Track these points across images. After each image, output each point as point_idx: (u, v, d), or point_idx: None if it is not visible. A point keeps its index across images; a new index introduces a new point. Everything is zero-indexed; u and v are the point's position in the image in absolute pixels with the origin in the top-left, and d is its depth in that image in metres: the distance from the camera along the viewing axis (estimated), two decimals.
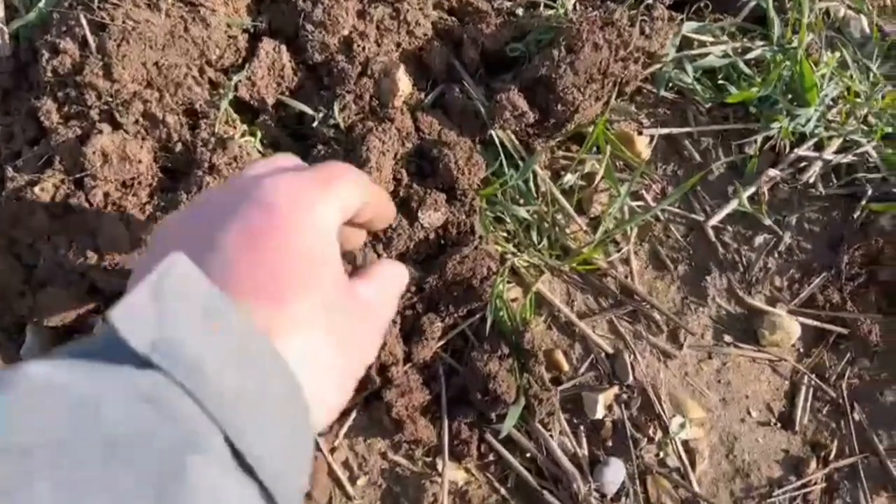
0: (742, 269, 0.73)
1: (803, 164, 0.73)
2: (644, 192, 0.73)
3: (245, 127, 0.66)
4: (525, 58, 0.71)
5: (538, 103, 0.68)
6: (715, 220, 0.72)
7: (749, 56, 0.73)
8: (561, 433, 0.67)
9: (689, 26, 0.74)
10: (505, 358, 0.65)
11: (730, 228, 0.73)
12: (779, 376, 0.72)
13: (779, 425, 0.71)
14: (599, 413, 0.66)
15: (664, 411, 0.68)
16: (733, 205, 0.72)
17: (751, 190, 0.72)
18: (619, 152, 0.71)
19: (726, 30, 0.76)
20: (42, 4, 0.66)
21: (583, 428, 0.67)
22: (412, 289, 0.67)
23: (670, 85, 0.73)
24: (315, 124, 0.67)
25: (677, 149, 0.74)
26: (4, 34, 0.67)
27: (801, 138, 0.73)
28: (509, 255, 0.69)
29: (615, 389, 0.68)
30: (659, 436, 0.67)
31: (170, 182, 0.63)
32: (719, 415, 0.70)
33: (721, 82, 0.73)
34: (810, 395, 0.72)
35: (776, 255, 0.73)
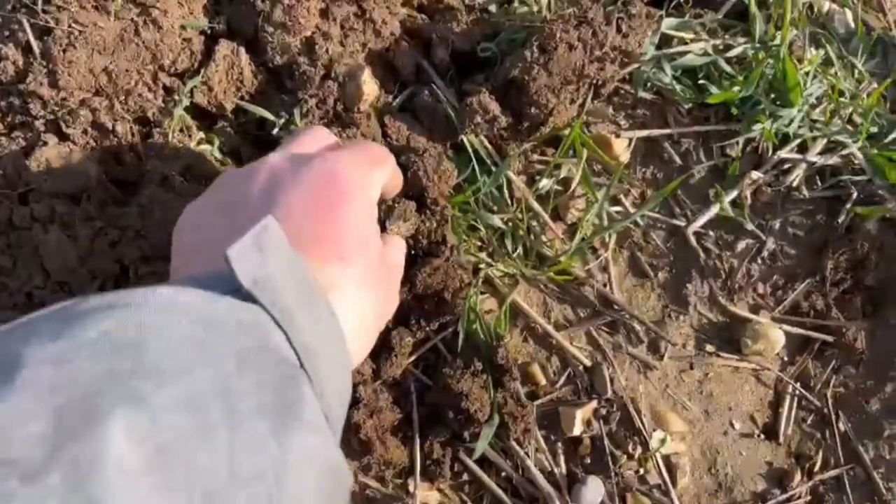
0: (724, 275, 0.70)
1: (787, 166, 0.70)
2: (622, 196, 0.70)
3: (202, 134, 0.63)
4: (497, 58, 0.68)
5: (511, 106, 0.65)
6: (696, 225, 0.70)
7: (730, 54, 0.70)
8: (537, 451, 0.64)
9: (668, 23, 0.71)
10: (478, 374, 0.63)
11: (711, 233, 0.71)
12: (762, 386, 0.70)
13: (762, 437, 0.69)
14: (577, 429, 0.64)
15: (644, 426, 0.65)
16: (715, 209, 0.70)
17: (733, 194, 0.70)
18: (597, 156, 0.68)
19: (707, 26, 0.73)
20: None
21: (560, 445, 0.65)
22: None
23: (649, 85, 0.71)
24: (276, 130, 0.63)
25: (657, 151, 0.72)
26: None
27: (784, 139, 0.71)
28: (483, 265, 0.66)
29: (594, 404, 0.65)
30: (639, 452, 0.65)
31: (122, 194, 0.60)
32: (701, 427, 0.68)
33: (702, 82, 0.70)
34: (794, 404, 0.70)
35: (759, 260, 0.71)
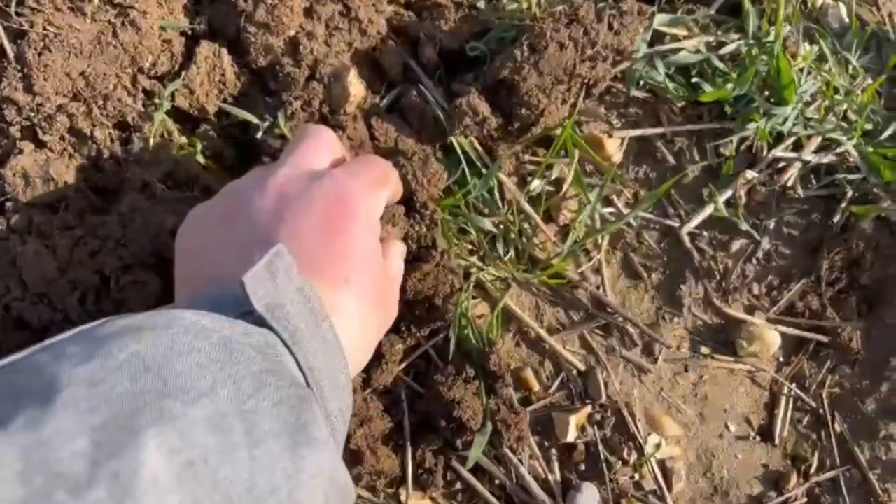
0: (719, 276, 0.69)
1: (781, 164, 0.69)
2: (615, 197, 0.69)
3: (184, 139, 0.61)
4: (486, 57, 0.66)
5: (501, 106, 0.64)
6: (690, 226, 0.68)
7: (723, 51, 0.69)
8: (531, 458, 0.63)
9: (660, 19, 0.70)
10: (471, 381, 0.61)
11: (705, 234, 0.70)
12: (758, 387, 0.69)
13: (758, 439, 0.68)
14: (571, 436, 0.63)
15: (639, 431, 0.64)
16: (709, 210, 0.68)
17: (727, 193, 0.68)
18: (589, 156, 0.67)
19: (699, 22, 0.72)
20: None
21: (554, 451, 0.64)
22: None
23: (641, 83, 0.69)
24: (260, 134, 0.62)
25: (649, 150, 0.70)
26: None
27: (778, 137, 0.70)
28: (474, 269, 0.65)
29: (588, 409, 0.64)
30: (634, 457, 0.64)
31: (101, 202, 0.58)
32: (696, 431, 0.67)
33: (695, 80, 0.69)
34: (790, 405, 0.69)
35: (754, 261, 0.70)
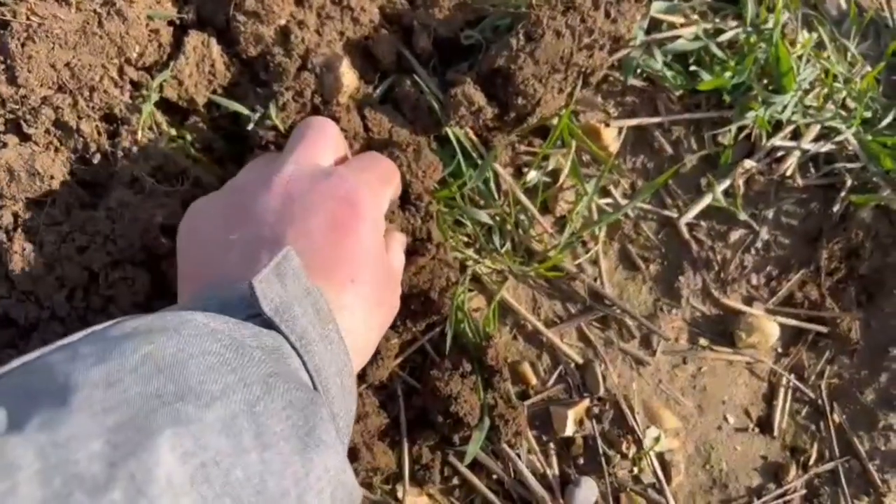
0: (717, 267, 0.69)
1: (780, 154, 0.69)
2: (612, 187, 0.68)
3: (173, 131, 0.60)
4: (481, 46, 0.65)
5: (497, 96, 0.63)
6: (688, 216, 0.68)
7: (722, 38, 0.68)
8: (529, 452, 0.62)
9: (657, 6, 0.69)
10: (467, 375, 0.61)
11: (703, 224, 0.69)
12: (756, 378, 0.69)
13: (757, 430, 0.68)
14: (569, 430, 0.62)
15: (638, 424, 0.64)
16: (707, 200, 0.68)
17: (725, 183, 0.68)
18: (585, 146, 0.66)
19: (696, 9, 0.71)
20: None
21: (552, 446, 0.63)
22: None
23: (638, 72, 0.68)
24: (251, 126, 0.60)
25: (647, 140, 0.69)
26: None
27: (777, 126, 0.69)
28: (470, 262, 0.64)
29: (586, 403, 0.63)
30: (633, 451, 0.63)
31: (89, 197, 0.57)
32: (695, 423, 0.67)
33: (693, 68, 0.68)
34: (789, 396, 0.69)
35: (752, 251, 0.69)
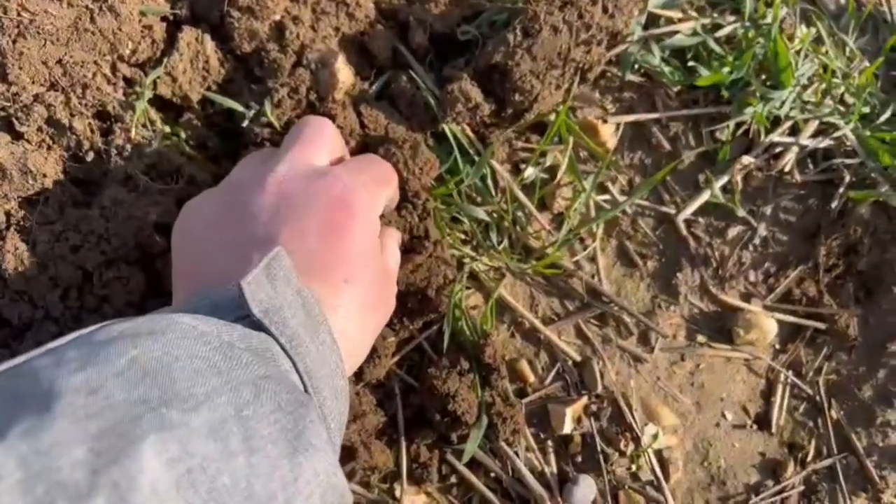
0: (715, 263, 0.68)
1: (778, 149, 0.68)
2: (610, 184, 0.68)
3: (167, 128, 0.59)
4: (478, 41, 0.65)
5: (494, 92, 0.62)
6: (686, 213, 0.67)
7: (720, 34, 0.68)
8: (527, 450, 0.62)
9: (655, 1, 0.68)
10: (465, 374, 0.60)
11: (701, 221, 0.69)
12: (754, 375, 0.68)
13: (755, 427, 0.68)
14: (567, 427, 0.62)
15: (636, 421, 0.63)
16: (705, 196, 0.67)
17: (723, 179, 0.67)
18: (583, 142, 0.65)
19: (694, 3, 0.70)
20: None
21: (550, 443, 0.63)
22: None
23: (636, 67, 0.68)
24: (246, 123, 0.60)
25: (645, 136, 0.69)
26: None
27: (775, 121, 0.69)
28: (467, 260, 0.64)
29: (584, 400, 0.63)
30: (631, 448, 0.63)
31: (82, 195, 0.56)
32: (693, 420, 0.67)
33: (691, 64, 0.67)
34: (787, 393, 0.68)
35: (751, 247, 0.69)
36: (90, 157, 0.56)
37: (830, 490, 0.66)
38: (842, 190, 0.68)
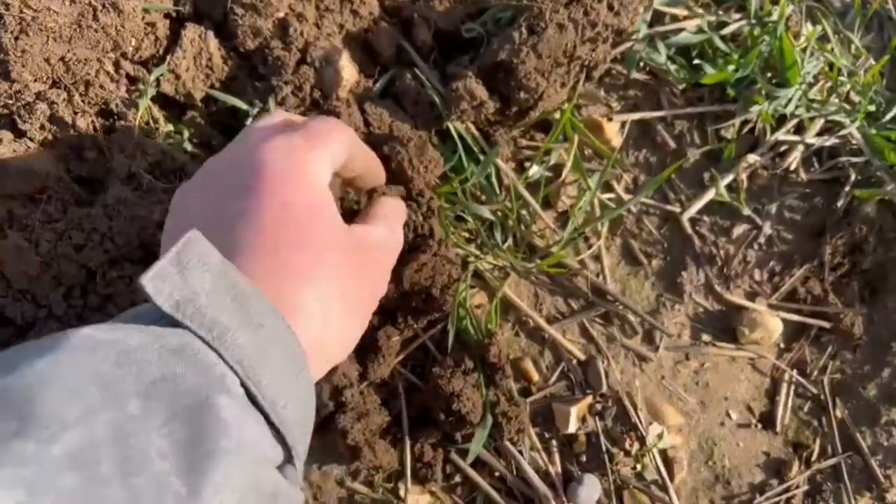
0: (720, 262, 0.68)
1: (784, 148, 0.68)
2: (614, 182, 0.68)
3: (170, 126, 0.59)
4: (482, 38, 0.64)
5: (498, 90, 0.62)
6: (691, 211, 0.67)
7: (725, 31, 0.67)
8: (532, 449, 0.62)
9: None
10: (469, 373, 0.60)
11: (706, 219, 0.68)
12: (759, 374, 0.68)
13: (759, 426, 0.68)
14: (572, 427, 0.62)
15: (640, 420, 0.63)
16: (710, 194, 0.67)
17: (728, 178, 0.67)
18: (588, 140, 0.65)
19: (699, 0, 0.70)
20: None
21: (555, 443, 0.63)
22: None
23: (641, 65, 0.67)
24: (249, 121, 0.59)
25: (649, 134, 0.69)
26: None
27: (780, 119, 0.68)
28: (472, 258, 0.64)
29: (588, 399, 0.63)
30: (636, 448, 0.63)
31: (85, 194, 0.56)
32: (698, 419, 0.66)
33: (696, 62, 0.67)
34: (791, 392, 0.68)
35: (755, 246, 0.68)
36: (93, 155, 0.55)
37: (835, 489, 0.66)
38: (847, 188, 0.68)
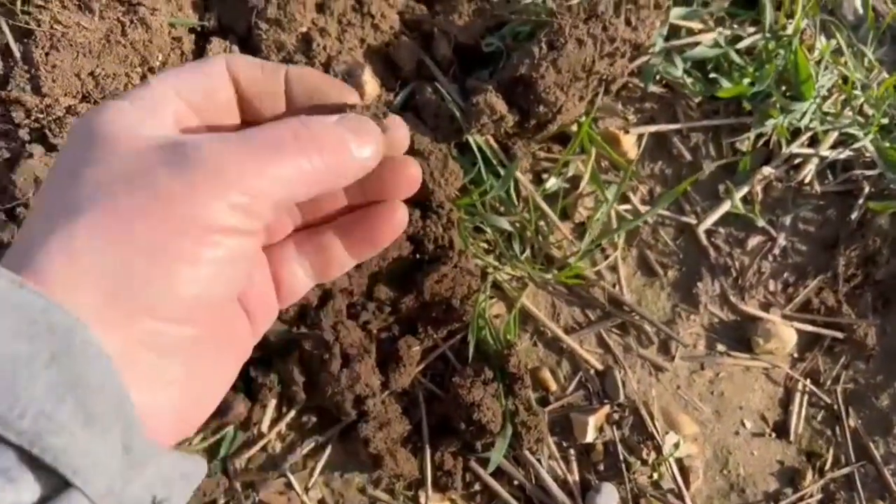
0: (735, 273, 0.69)
1: (798, 160, 0.69)
2: (631, 193, 0.69)
3: None
4: (501, 52, 0.65)
5: (517, 103, 0.63)
6: (707, 223, 0.68)
7: (741, 45, 0.68)
8: (550, 458, 0.63)
9: (676, 13, 0.69)
10: (489, 382, 0.61)
11: (722, 231, 0.69)
12: (773, 384, 0.69)
13: (773, 435, 0.68)
14: (590, 436, 0.63)
15: (657, 430, 0.64)
16: (726, 207, 0.68)
17: (744, 190, 0.68)
18: (605, 153, 0.66)
19: (715, 14, 0.71)
20: None
21: (573, 452, 0.64)
22: (387, 309, 0.62)
23: (657, 78, 0.68)
24: None
25: (665, 146, 0.70)
26: None
27: (795, 132, 0.69)
28: (490, 269, 0.64)
29: (606, 409, 0.64)
30: (652, 457, 0.64)
31: None
32: (713, 428, 0.67)
33: (712, 75, 0.68)
34: (805, 401, 0.69)
35: (770, 257, 0.69)
36: None
37: (848, 498, 0.67)
38: (861, 201, 0.69)
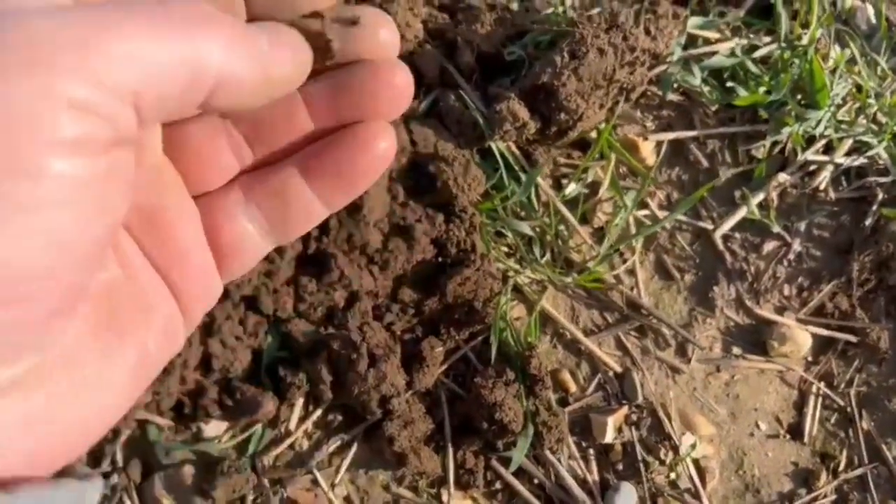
0: (750, 278, 0.70)
1: (813, 167, 0.70)
2: (649, 199, 0.70)
3: None
4: (523, 60, 0.67)
5: (539, 110, 0.64)
6: (723, 228, 0.69)
7: (757, 54, 0.70)
8: (570, 458, 0.64)
9: (693, 22, 0.70)
10: (511, 383, 0.62)
11: (738, 236, 0.71)
12: (787, 386, 0.70)
13: (788, 437, 0.70)
14: (609, 436, 0.64)
15: (674, 431, 0.65)
16: (742, 212, 0.69)
17: (760, 196, 0.69)
18: (624, 159, 0.68)
19: (731, 24, 0.72)
20: None
21: (592, 451, 0.65)
22: (411, 311, 0.63)
23: (675, 86, 0.70)
24: None
25: (683, 153, 0.71)
26: None
27: (810, 140, 0.71)
28: (511, 273, 0.66)
29: (624, 410, 0.65)
30: (670, 457, 0.65)
31: None
32: (728, 430, 0.69)
33: (729, 84, 0.69)
34: (819, 404, 0.70)
35: (785, 262, 0.71)
36: None
37: (861, 499, 0.68)
38: (875, 207, 0.70)
